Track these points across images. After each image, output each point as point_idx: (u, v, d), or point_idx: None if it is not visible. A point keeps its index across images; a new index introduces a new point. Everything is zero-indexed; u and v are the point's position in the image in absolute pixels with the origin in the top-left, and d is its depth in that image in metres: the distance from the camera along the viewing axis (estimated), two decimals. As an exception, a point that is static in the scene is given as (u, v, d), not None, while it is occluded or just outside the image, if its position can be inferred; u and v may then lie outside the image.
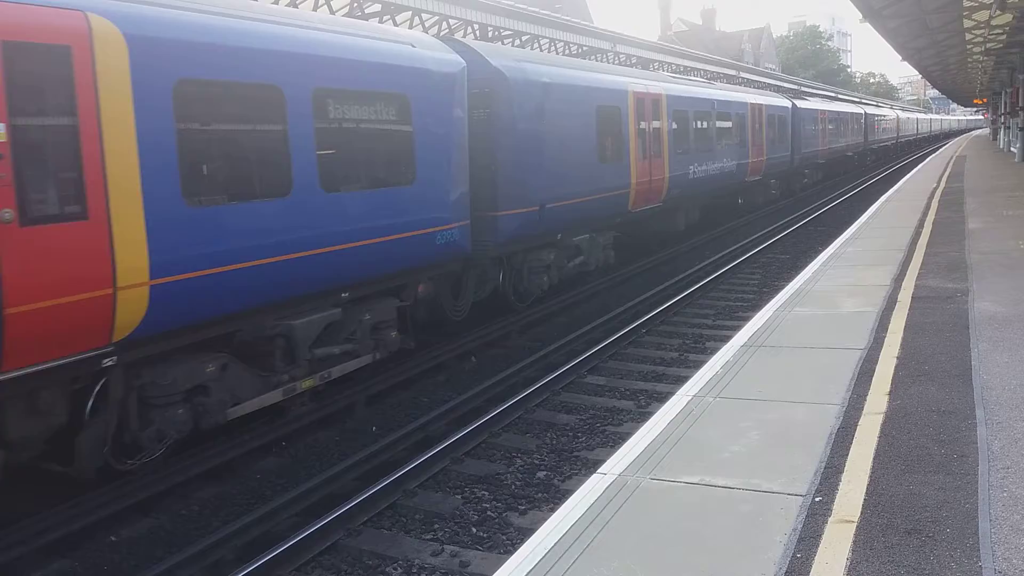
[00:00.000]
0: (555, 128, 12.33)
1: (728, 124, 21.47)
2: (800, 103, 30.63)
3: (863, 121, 44.25)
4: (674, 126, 17.35)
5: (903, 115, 67.21)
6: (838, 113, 37.53)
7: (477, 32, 19.63)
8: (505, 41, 20.99)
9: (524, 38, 21.60)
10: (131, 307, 6.14)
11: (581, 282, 14.70)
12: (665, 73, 22.21)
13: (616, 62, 26.11)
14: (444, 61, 9.79)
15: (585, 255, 14.00)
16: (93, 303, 5.89)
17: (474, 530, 6.30)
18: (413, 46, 9.39)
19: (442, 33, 18.64)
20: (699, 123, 19.13)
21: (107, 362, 6.19)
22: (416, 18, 17.48)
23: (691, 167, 18.34)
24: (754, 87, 36.60)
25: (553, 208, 12.25)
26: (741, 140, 22.50)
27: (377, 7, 16.34)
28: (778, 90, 38.78)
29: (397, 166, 9.05)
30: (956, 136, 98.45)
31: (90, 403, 6.44)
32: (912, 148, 70.51)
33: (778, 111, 26.74)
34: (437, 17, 17.96)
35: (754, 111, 23.71)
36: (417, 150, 9.18)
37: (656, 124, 16.41)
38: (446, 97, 9.71)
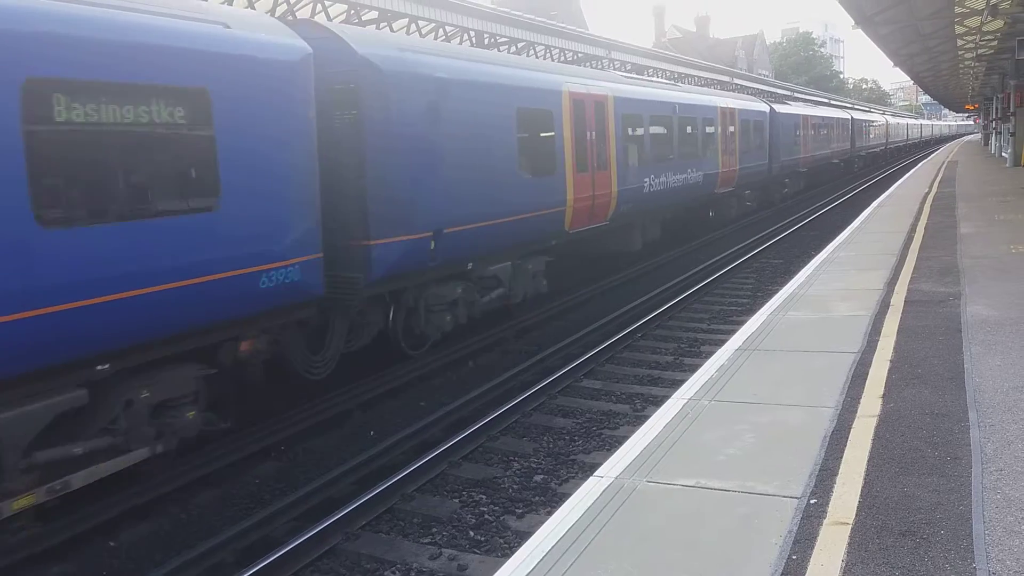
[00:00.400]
0: (456, 135, 10.07)
1: (693, 130, 19.44)
2: (779, 107, 29.20)
3: (850, 126, 42.88)
4: (625, 133, 15.21)
5: (892, 120, 66.51)
6: (822, 118, 36.06)
7: (473, 39, 19.71)
8: (501, 48, 21.04)
9: (520, 44, 21.68)
10: None
11: (506, 316, 12.50)
12: (617, 72, 19.72)
13: (611, 68, 26.19)
14: (276, 47, 7.48)
15: (507, 287, 11.83)
16: None
17: (472, 533, 6.34)
18: (227, 26, 7.05)
19: (438, 40, 18.71)
20: (657, 129, 17.05)
21: None
22: (413, 24, 17.55)
23: (647, 179, 16.27)
24: (747, 93, 36.71)
25: (454, 234, 10.06)
26: (710, 148, 20.47)
27: (374, 14, 16.40)
28: (771, 96, 38.82)
29: (186, 186, 6.75)
30: (948, 141, 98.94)
31: None
32: (903, 154, 70.46)
33: (753, 116, 24.89)
34: (434, 24, 18.03)
35: (725, 116, 21.74)
36: (223, 164, 6.87)
37: (601, 131, 14.22)
38: (278, 94, 7.43)
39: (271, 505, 6.68)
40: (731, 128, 22.24)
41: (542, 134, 12.46)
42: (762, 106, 26.92)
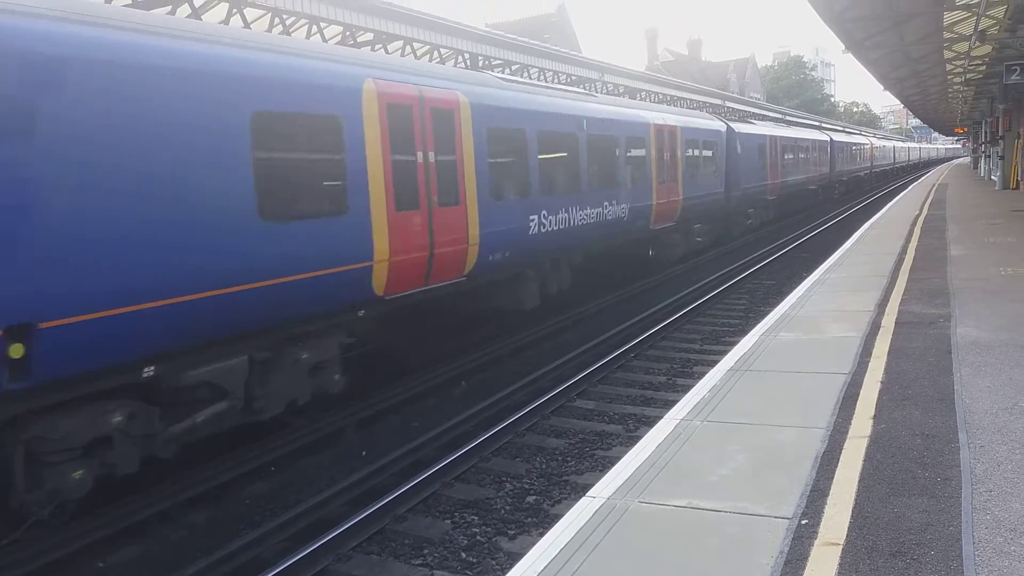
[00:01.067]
0: (93, 157, 6.05)
1: (613, 152, 15.38)
2: (739, 126, 25.30)
3: (829, 149, 39.23)
4: (492, 154, 11.26)
5: (878, 142, 63.81)
6: (794, 140, 32.03)
7: (468, 61, 19.87)
8: (495, 70, 21.22)
9: (514, 67, 21.88)
10: None
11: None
12: (491, 74, 13.45)
13: (611, 92, 26.36)
14: None
15: (239, 397, 7.60)
16: None
17: (463, 555, 6.31)
18: None
19: (432, 61, 18.87)
20: (552, 151, 13.04)
21: None
22: (408, 47, 17.70)
23: (535, 217, 12.27)
24: (737, 115, 37.02)
25: (86, 325, 5.97)
26: (639, 174, 16.49)
27: (369, 36, 16.53)
28: (763, 116, 39.01)
29: None
30: (937, 164, 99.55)
31: None
32: (889, 178, 68.84)
33: (703, 135, 21.05)
34: (428, 46, 18.19)
35: (661, 135, 17.80)
36: None
37: (446, 150, 10.16)
38: None
39: (262, 526, 6.64)
40: (671, 150, 18.47)
41: (317, 155, 8.28)
42: (717, 124, 23.28)
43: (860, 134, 62.96)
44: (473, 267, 10.85)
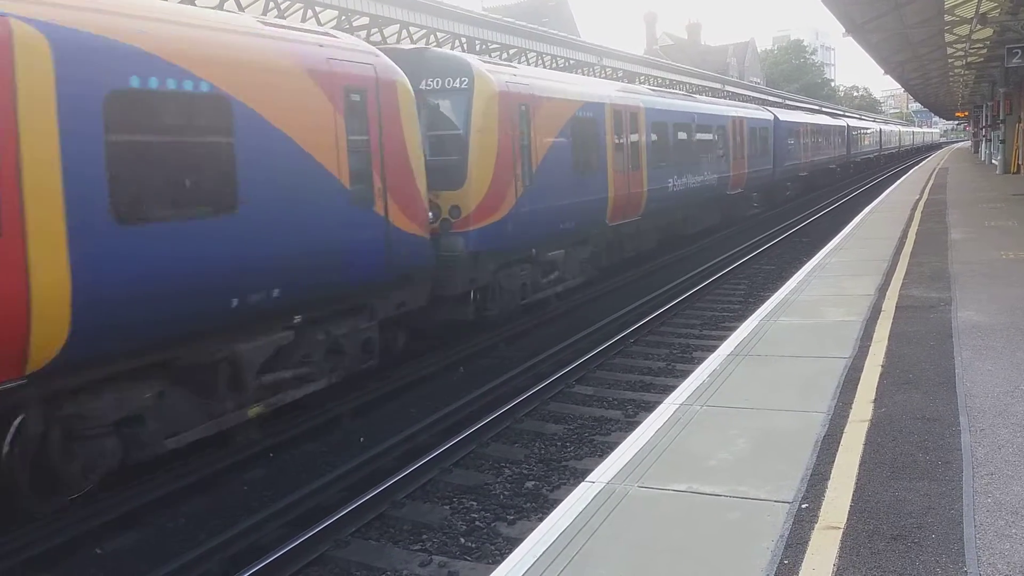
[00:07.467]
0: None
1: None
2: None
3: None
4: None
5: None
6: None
7: (464, 45, 19.73)
8: (492, 54, 21.09)
9: (512, 51, 21.73)
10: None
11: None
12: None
13: (609, 76, 26.20)
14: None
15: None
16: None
17: (462, 540, 6.29)
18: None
19: (430, 45, 18.74)
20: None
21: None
22: (404, 30, 17.57)
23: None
24: (739, 100, 36.87)
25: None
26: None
27: (365, 20, 16.40)
28: (763, 103, 39.02)
29: None
30: (938, 149, 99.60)
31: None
32: (894, 161, 71.42)
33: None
34: (425, 30, 18.04)
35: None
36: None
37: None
38: None
39: (259, 512, 6.61)
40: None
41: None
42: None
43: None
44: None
